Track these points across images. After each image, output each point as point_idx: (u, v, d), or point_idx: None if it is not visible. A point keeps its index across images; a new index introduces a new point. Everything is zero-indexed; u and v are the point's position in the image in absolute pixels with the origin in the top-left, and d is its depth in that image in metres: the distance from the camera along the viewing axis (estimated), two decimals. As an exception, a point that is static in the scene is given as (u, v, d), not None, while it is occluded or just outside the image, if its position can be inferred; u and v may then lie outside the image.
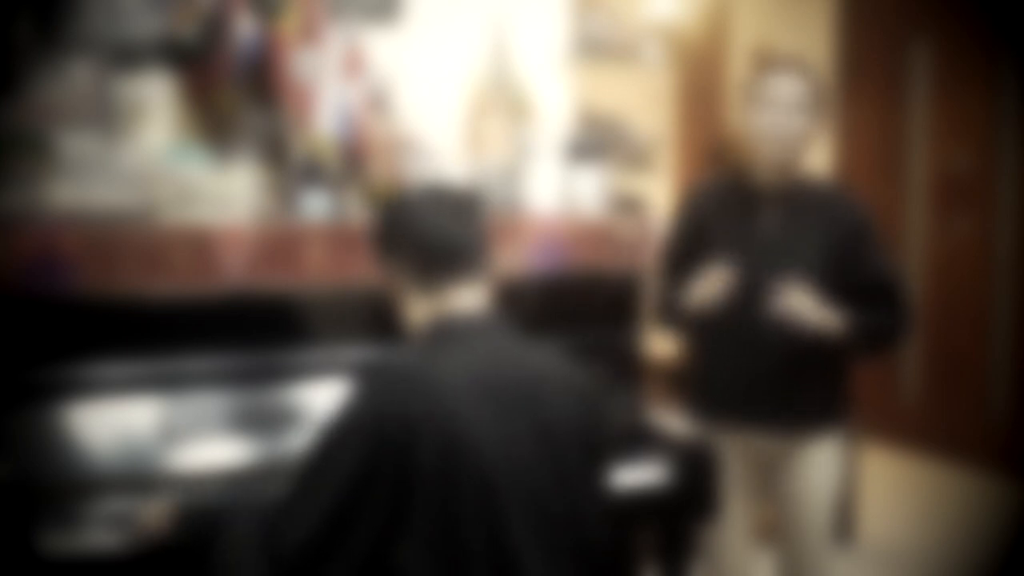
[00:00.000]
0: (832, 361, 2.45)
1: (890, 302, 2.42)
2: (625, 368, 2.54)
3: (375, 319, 1.81)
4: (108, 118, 2.29)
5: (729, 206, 2.49)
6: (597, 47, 4.90)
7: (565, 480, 1.59)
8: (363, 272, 1.80)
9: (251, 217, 2.28)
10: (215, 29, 2.37)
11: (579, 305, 2.52)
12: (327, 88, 2.45)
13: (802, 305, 2.31)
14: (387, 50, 2.66)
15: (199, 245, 2.16)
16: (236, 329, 2.18)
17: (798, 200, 2.44)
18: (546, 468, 1.57)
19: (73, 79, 2.27)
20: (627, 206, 2.93)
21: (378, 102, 2.54)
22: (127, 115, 2.31)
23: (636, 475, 2.26)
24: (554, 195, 2.64)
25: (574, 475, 1.61)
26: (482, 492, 1.50)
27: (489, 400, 1.54)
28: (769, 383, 2.42)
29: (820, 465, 2.48)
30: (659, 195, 5.06)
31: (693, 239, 2.53)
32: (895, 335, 2.45)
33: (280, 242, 2.25)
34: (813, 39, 5.24)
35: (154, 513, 1.81)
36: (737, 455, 2.49)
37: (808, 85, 2.40)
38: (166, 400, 2.11)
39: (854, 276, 2.41)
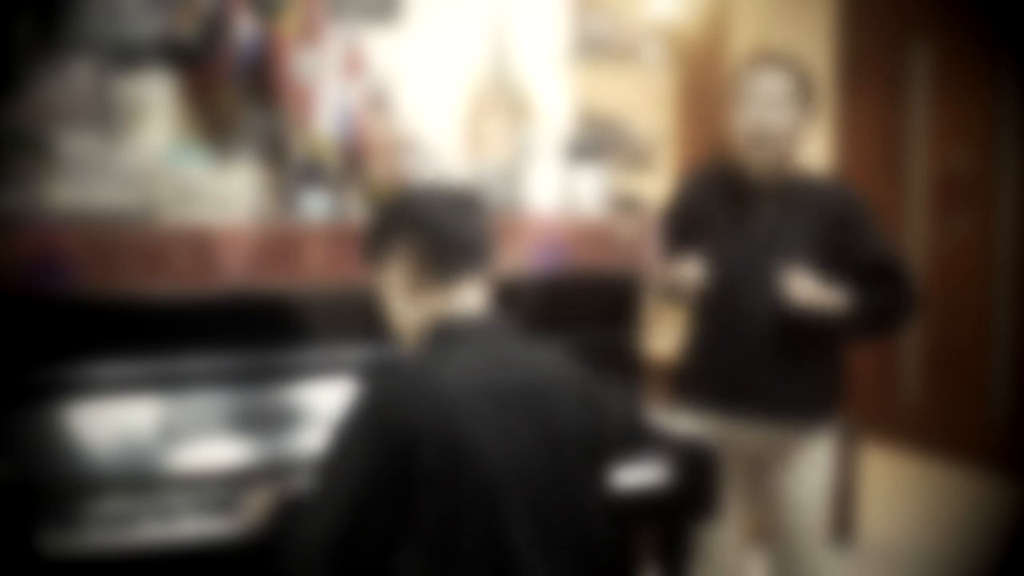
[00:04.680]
0: (826, 355, 2.45)
1: (892, 281, 2.41)
2: (625, 368, 2.54)
3: (375, 319, 1.81)
4: (108, 118, 2.28)
5: (723, 195, 2.50)
6: (597, 47, 4.90)
7: (567, 481, 1.59)
8: (363, 272, 1.81)
9: (251, 217, 2.28)
10: (215, 29, 2.37)
11: (579, 305, 2.52)
12: (327, 88, 2.44)
13: (806, 289, 2.32)
14: (387, 50, 2.66)
15: (199, 245, 2.16)
16: (236, 329, 2.18)
17: (791, 193, 2.45)
18: (548, 469, 1.57)
19: (73, 79, 2.27)
20: (627, 206, 2.92)
21: (378, 102, 2.54)
22: (127, 115, 2.31)
23: (636, 475, 2.26)
24: (554, 195, 2.64)
25: (576, 476, 1.61)
26: (484, 493, 1.50)
27: (492, 401, 1.54)
28: (762, 376, 2.43)
29: (812, 465, 2.48)
30: (659, 195, 5.04)
31: (687, 223, 2.54)
32: (899, 314, 2.44)
33: (280, 242, 2.25)
34: (813, 39, 5.24)
35: (260, 501, 1.81)
36: (730, 456, 2.49)
37: (792, 79, 2.41)
38: (166, 400, 2.11)
39: (852, 259, 2.41)
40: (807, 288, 2.32)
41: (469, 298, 1.64)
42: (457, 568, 1.48)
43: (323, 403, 2.17)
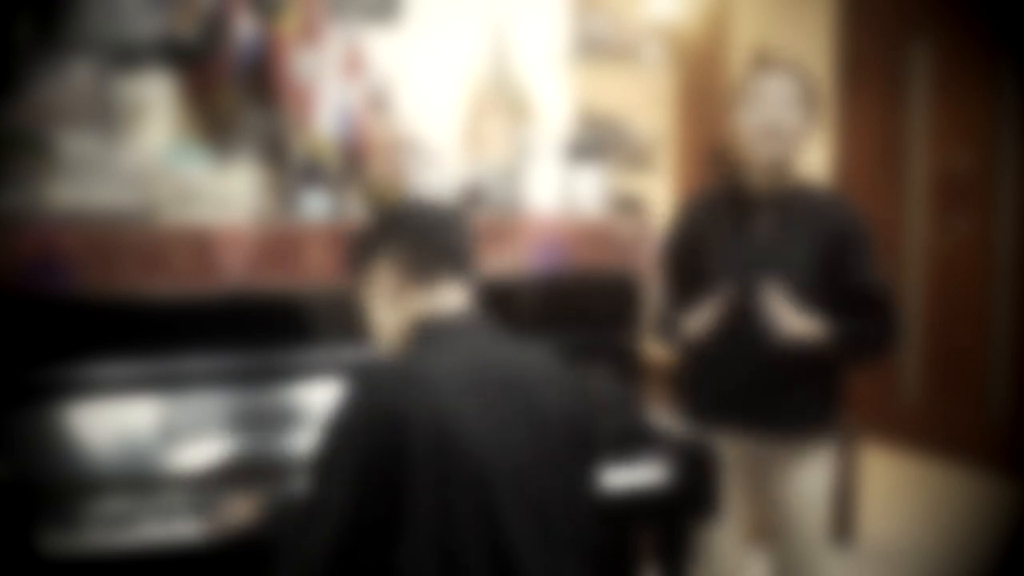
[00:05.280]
0: (826, 366, 2.45)
1: (877, 313, 2.42)
2: (625, 368, 2.54)
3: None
4: (108, 118, 2.29)
5: (723, 213, 2.50)
6: (597, 47, 4.90)
7: (558, 474, 1.61)
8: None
9: (251, 217, 2.28)
10: (215, 29, 2.38)
11: (579, 305, 2.52)
12: (327, 88, 2.45)
13: (784, 316, 2.32)
14: (387, 50, 2.66)
15: (199, 245, 2.16)
16: (236, 329, 2.18)
17: (791, 204, 2.44)
18: (539, 463, 1.59)
19: (73, 79, 2.27)
20: (627, 206, 2.93)
21: (378, 102, 2.54)
22: (127, 115, 2.31)
23: (636, 475, 2.26)
24: (554, 195, 2.64)
25: (566, 469, 1.63)
26: (476, 488, 1.51)
27: (478, 394, 1.56)
28: (762, 388, 2.42)
29: (812, 467, 2.48)
30: (659, 195, 5.06)
31: (689, 250, 2.54)
32: (879, 346, 2.45)
33: (280, 242, 2.25)
34: (813, 39, 5.24)
35: (242, 507, 1.83)
36: (731, 457, 2.49)
37: (797, 83, 2.41)
38: (166, 400, 2.11)
39: (842, 283, 2.41)
40: (793, 322, 2.33)
41: (451, 299, 1.69)
42: (455, 562, 1.49)
43: (323, 403, 2.17)
